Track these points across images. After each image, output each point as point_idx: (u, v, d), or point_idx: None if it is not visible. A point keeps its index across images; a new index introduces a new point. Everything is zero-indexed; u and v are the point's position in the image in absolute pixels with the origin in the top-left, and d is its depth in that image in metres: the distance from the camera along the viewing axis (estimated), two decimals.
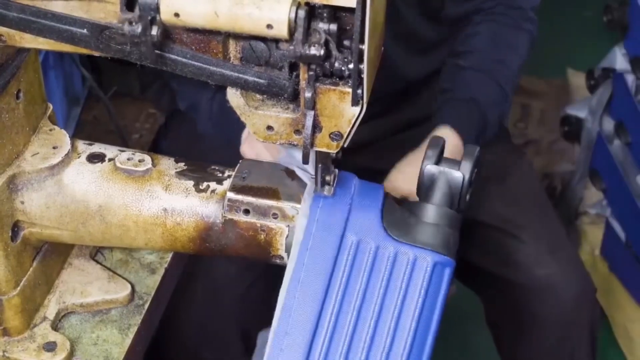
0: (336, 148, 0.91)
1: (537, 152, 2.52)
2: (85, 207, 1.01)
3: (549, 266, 1.51)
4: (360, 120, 0.89)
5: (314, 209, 0.96)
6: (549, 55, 2.75)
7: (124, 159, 1.02)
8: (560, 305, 1.51)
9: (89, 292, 1.09)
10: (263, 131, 0.92)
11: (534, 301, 1.51)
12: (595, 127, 2.20)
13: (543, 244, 1.53)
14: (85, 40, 0.88)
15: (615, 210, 2.20)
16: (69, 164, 1.02)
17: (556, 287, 1.51)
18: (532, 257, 1.52)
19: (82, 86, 2.23)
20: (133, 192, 1.01)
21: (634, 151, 2.10)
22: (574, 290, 1.51)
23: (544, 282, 1.51)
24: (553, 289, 1.51)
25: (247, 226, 0.99)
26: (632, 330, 2.11)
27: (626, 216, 2.15)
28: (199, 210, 1.00)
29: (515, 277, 1.52)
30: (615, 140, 2.15)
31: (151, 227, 1.01)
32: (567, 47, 2.90)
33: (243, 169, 1.02)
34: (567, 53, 2.86)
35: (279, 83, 0.87)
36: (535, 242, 1.53)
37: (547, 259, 1.52)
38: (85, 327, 1.08)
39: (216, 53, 0.88)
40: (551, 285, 1.51)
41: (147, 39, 0.84)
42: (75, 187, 1.01)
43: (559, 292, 1.51)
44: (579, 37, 2.97)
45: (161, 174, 1.02)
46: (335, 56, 0.84)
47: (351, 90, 0.86)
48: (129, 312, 1.10)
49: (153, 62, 0.88)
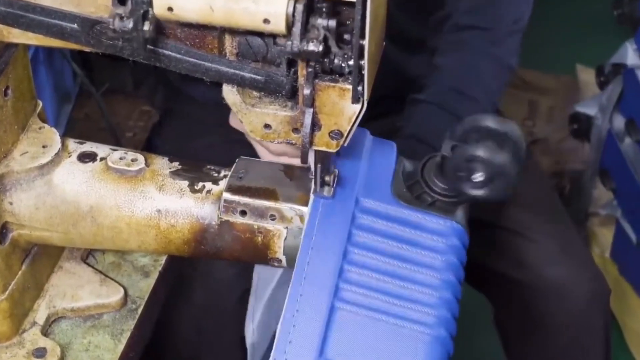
0: (336, 147, 0.91)
1: (545, 151, 2.52)
2: (76, 208, 1.01)
3: (559, 266, 1.51)
4: (361, 118, 0.89)
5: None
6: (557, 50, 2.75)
7: (116, 159, 1.02)
8: (572, 306, 1.50)
9: (80, 296, 1.09)
10: (260, 129, 0.92)
11: (544, 302, 1.51)
12: (605, 124, 2.20)
13: (554, 243, 1.53)
14: (76, 36, 0.89)
15: (626, 211, 2.20)
16: (59, 163, 1.02)
17: (567, 288, 1.50)
18: (542, 257, 1.52)
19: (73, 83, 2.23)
20: (125, 193, 1.01)
21: None
22: (586, 291, 1.51)
23: (555, 282, 1.50)
24: (564, 290, 1.50)
25: (244, 228, 0.99)
26: None
27: (637, 217, 2.15)
28: (194, 212, 1.00)
29: (524, 278, 1.52)
30: (626, 138, 2.15)
31: (144, 228, 1.01)
32: (576, 42, 2.90)
33: (240, 169, 1.02)
34: (576, 48, 2.85)
35: (276, 80, 0.87)
36: (546, 241, 1.53)
37: (557, 259, 1.51)
38: (77, 332, 1.08)
39: (211, 49, 0.88)
40: (562, 285, 1.50)
41: (139, 34, 0.84)
42: (65, 188, 1.01)
43: (571, 293, 1.50)
44: (588, 32, 2.96)
45: (155, 174, 1.02)
46: (334, 52, 0.84)
47: (351, 87, 0.86)
48: (121, 316, 1.10)
49: (145, 58, 0.88)
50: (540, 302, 1.51)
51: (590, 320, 1.53)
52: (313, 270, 0.92)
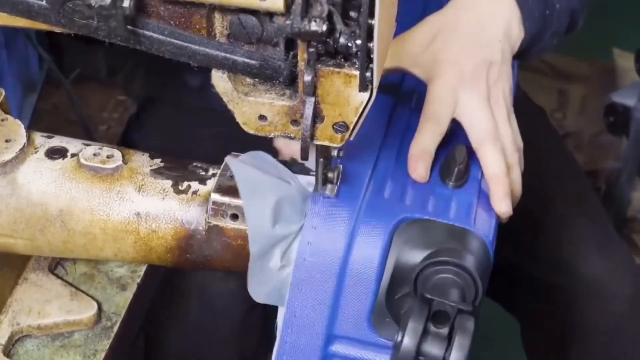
0: (341, 141, 0.91)
1: (577, 147, 2.52)
2: (43, 212, 1.01)
3: (596, 265, 1.51)
4: (369, 108, 0.89)
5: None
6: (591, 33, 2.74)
7: (90, 155, 1.02)
8: (613, 308, 1.51)
9: (48, 312, 1.09)
10: (254, 122, 0.92)
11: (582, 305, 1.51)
12: None
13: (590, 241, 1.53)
14: (45, 14, 0.88)
15: None
16: (25, 160, 1.02)
17: (606, 288, 1.51)
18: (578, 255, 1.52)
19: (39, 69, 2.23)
20: (100, 194, 1.01)
21: None
22: (627, 292, 1.51)
23: (592, 282, 1.50)
24: (602, 291, 1.50)
25: (235, 234, 0.99)
26: None
27: None
28: (178, 215, 1.00)
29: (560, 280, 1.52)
30: None
31: (121, 234, 1.01)
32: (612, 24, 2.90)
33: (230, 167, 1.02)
34: (612, 31, 2.86)
35: (272, 64, 0.87)
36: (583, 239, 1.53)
37: (595, 258, 1.52)
38: (44, 353, 1.08)
39: (199, 29, 0.88)
40: (600, 286, 1.50)
41: (117, 11, 0.85)
42: (31, 188, 1.01)
43: (610, 294, 1.51)
44: (626, 13, 2.97)
45: (133, 172, 1.02)
46: (340, 29, 0.83)
47: (358, 72, 0.86)
48: (94, 335, 1.10)
49: (124, 40, 0.88)
50: (577, 306, 1.51)
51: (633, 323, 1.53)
52: None
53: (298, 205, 0.98)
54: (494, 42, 1.14)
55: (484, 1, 1.17)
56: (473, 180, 1.05)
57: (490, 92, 1.11)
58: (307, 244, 0.97)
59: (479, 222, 1.00)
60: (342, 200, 0.99)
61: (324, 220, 0.97)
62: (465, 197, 1.03)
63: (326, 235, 0.97)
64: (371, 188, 1.01)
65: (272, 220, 0.97)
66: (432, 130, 1.08)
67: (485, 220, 1.02)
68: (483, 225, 1.01)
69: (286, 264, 0.98)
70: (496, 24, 1.16)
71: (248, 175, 0.98)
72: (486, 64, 1.12)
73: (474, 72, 1.10)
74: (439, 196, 1.02)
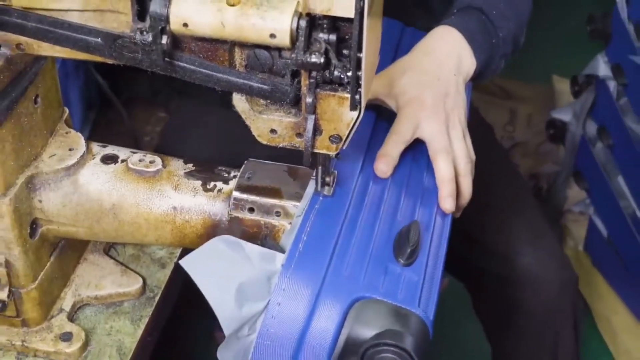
0: (335, 150, 0.91)
1: (524, 154, 2.51)
2: (99, 206, 1.01)
3: (529, 255, 1.50)
4: (358, 123, 0.88)
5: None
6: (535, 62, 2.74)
7: (136, 160, 1.02)
8: (544, 293, 1.50)
9: (103, 285, 1.09)
10: (267, 134, 0.92)
11: (518, 291, 1.50)
12: (579, 130, 2.20)
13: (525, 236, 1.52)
14: (99, 49, 0.88)
15: (597, 208, 2.20)
16: (84, 165, 1.02)
17: (539, 276, 1.49)
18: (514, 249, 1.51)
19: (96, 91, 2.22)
20: (144, 192, 1.01)
21: (615, 153, 2.10)
22: (556, 278, 1.50)
23: (525, 271, 1.49)
24: (535, 278, 1.49)
25: (252, 223, 0.99)
26: (614, 322, 2.10)
27: (608, 214, 2.15)
28: (207, 208, 1.00)
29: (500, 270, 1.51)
30: (598, 142, 2.15)
31: (161, 224, 1.01)
32: (552, 55, 2.90)
33: (248, 170, 1.02)
34: (552, 60, 2.85)
35: (281, 89, 0.87)
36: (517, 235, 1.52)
37: (527, 249, 1.50)
38: (100, 318, 1.08)
39: (222, 61, 0.87)
40: (533, 273, 1.49)
41: (157, 47, 0.84)
42: (90, 187, 1.01)
43: (541, 281, 1.49)
44: (563, 46, 2.96)
45: (171, 175, 1.02)
46: (334, 64, 0.84)
47: (350, 95, 0.86)
48: (140, 304, 1.10)
49: (163, 70, 0.88)
50: (514, 291, 1.50)
51: (561, 305, 1.52)
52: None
53: (263, 284, 0.92)
54: (449, 77, 1.12)
55: (441, 44, 1.16)
56: (422, 255, 0.96)
57: (449, 118, 1.09)
58: (271, 317, 0.90)
59: (423, 301, 0.91)
60: (305, 278, 0.91)
61: (288, 298, 0.90)
62: (413, 276, 0.93)
63: (288, 312, 0.90)
64: (334, 262, 0.93)
65: (237, 305, 0.91)
66: (395, 141, 1.07)
67: (428, 299, 0.93)
68: (426, 304, 0.92)
69: (252, 332, 0.93)
70: (451, 62, 1.14)
71: (204, 272, 0.93)
72: (443, 95, 1.10)
73: (433, 103, 1.09)
74: (390, 274, 0.93)
